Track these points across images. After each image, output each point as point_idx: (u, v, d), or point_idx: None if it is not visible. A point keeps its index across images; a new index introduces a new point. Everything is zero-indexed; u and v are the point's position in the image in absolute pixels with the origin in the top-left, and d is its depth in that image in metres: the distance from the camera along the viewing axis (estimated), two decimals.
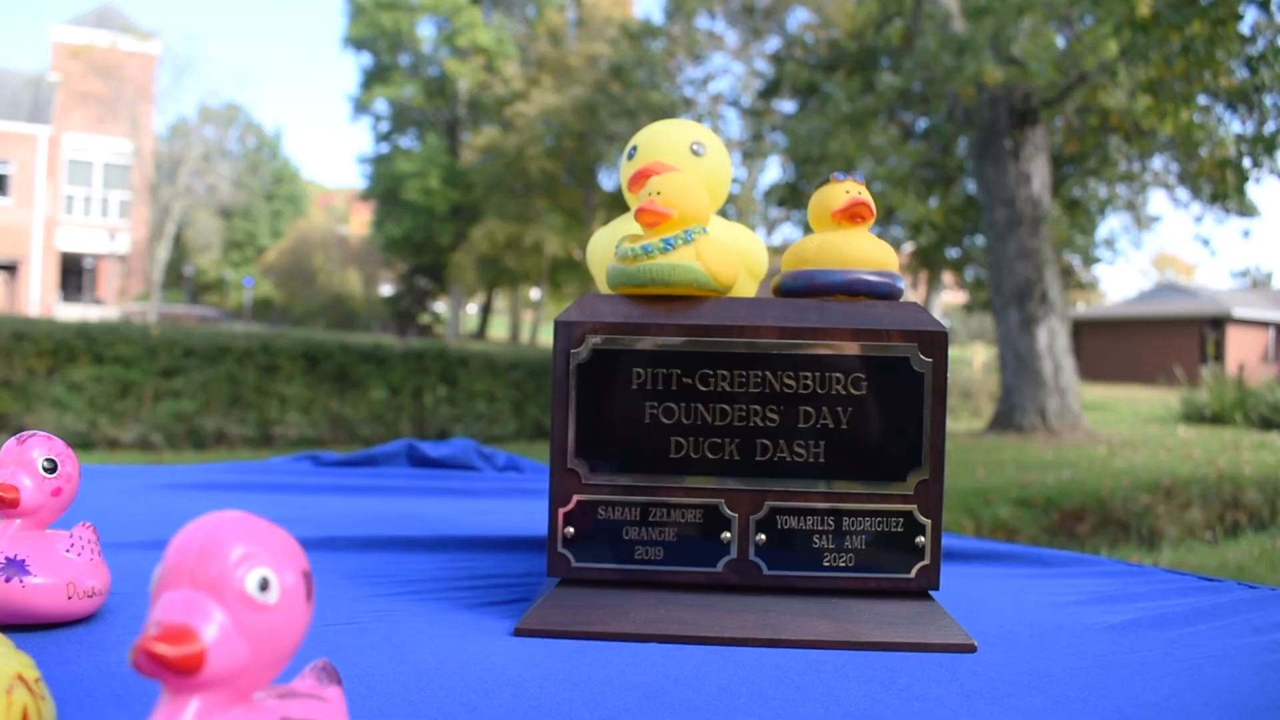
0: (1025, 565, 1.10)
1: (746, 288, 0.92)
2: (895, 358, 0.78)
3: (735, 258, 0.81)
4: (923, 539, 0.78)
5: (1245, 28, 8.06)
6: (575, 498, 0.79)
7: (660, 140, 0.92)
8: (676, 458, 0.79)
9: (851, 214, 0.82)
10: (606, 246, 0.93)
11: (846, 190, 0.84)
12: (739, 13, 19.81)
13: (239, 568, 0.38)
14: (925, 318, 0.79)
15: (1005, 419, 10.22)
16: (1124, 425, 12.05)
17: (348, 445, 9.96)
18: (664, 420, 0.79)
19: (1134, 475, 7.40)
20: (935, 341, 0.78)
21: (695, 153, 0.91)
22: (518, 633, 0.77)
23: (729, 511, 0.78)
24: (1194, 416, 13.11)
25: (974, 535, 6.11)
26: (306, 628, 0.41)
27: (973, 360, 21.53)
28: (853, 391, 0.78)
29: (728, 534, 0.78)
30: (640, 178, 0.88)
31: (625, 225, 0.93)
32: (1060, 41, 9.32)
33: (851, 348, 0.78)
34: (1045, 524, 6.49)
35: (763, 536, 0.78)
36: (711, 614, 0.77)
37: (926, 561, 0.78)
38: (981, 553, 1.12)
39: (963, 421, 13.49)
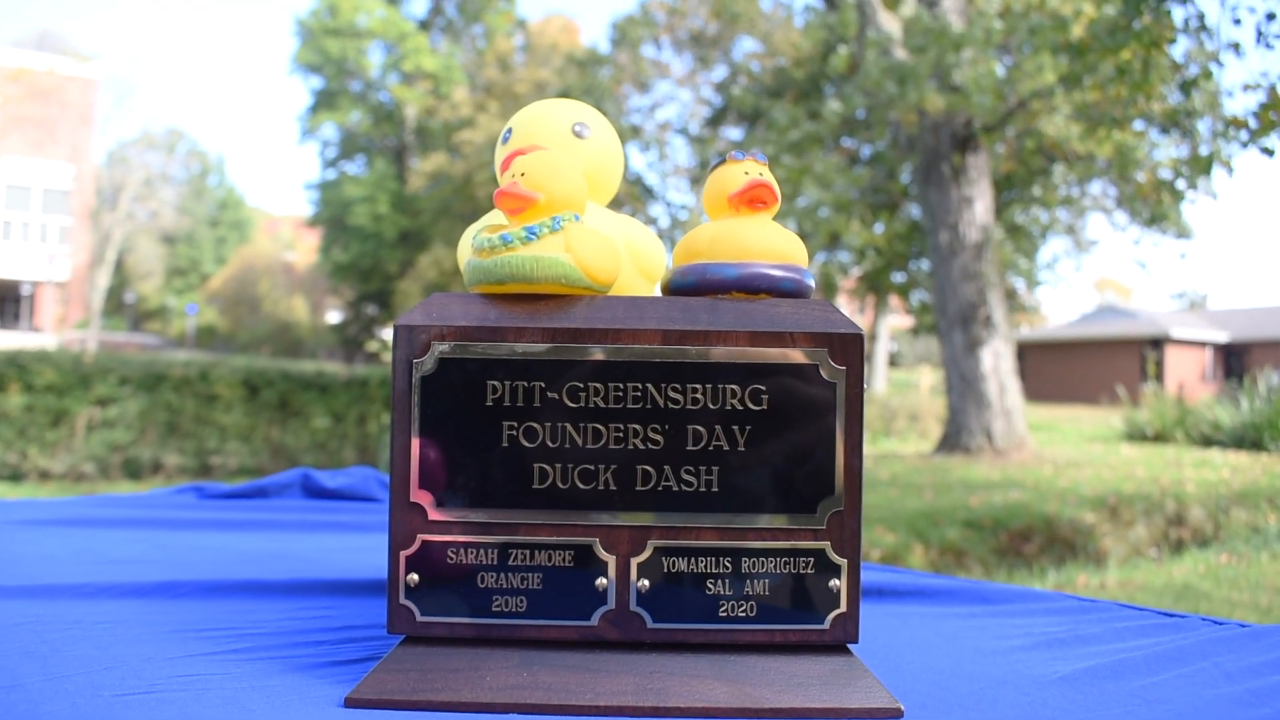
0: (963, 602, 0.98)
1: (638, 289, 0.79)
2: (801, 365, 0.65)
3: (614, 250, 0.68)
4: (837, 582, 0.66)
5: (1179, 55, 8.21)
6: (419, 538, 0.65)
7: (538, 121, 0.80)
8: (541, 488, 0.65)
9: (751, 198, 0.70)
10: None
11: (745, 171, 0.71)
12: (686, 41, 19.91)
13: None
14: (837, 318, 0.67)
15: (952, 440, 10.22)
16: (1068, 445, 12.16)
17: None
18: (525, 443, 0.65)
19: (1079, 494, 7.43)
20: (849, 346, 0.65)
21: (578, 134, 0.79)
22: (348, 703, 0.63)
23: (605, 553, 0.65)
24: (1136, 435, 13.28)
25: (923, 558, 6.07)
26: None
27: (920, 383, 21.67)
28: (751, 406, 0.65)
29: (604, 580, 0.65)
30: (510, 162, 0.75)
31: (500, 218, 0.80)
32: (1000, 69, 9.40)
33: (749, 354, 0.65)
34: (993, 545, 6.47)
35: (646, 582, 0.65)
36: (585, 677, 0.64)
37: (843, 609, 0.66)
38: (913, 589, 1.00)
39: (910, 443, 13.51)
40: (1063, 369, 25.14)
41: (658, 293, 0.81)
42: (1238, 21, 5.73)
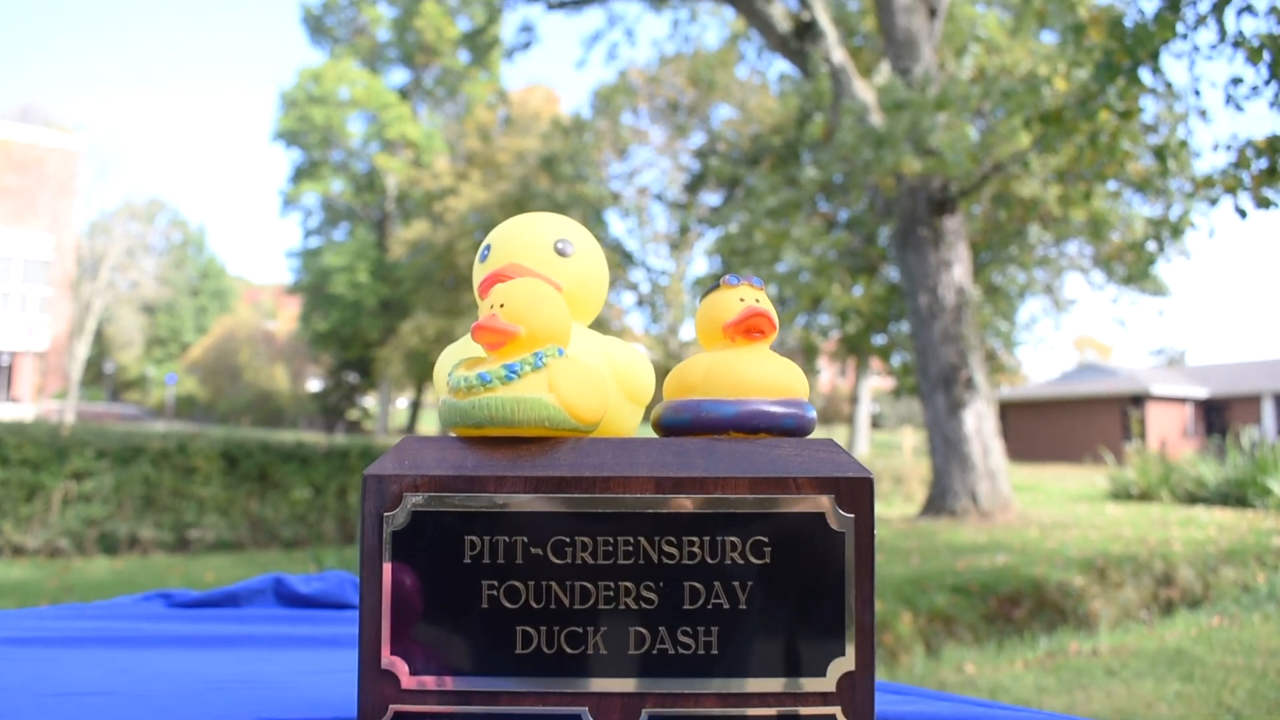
0: None
1: (626, 417, 0.74)
2: (806, 514, 0.60)
3: (601, 386, 0.63)
4: None
5: (1149, 117, 8.37)
6: (392, 708, 0.59)
7: (518, 238, 0.75)
8: (524, 653, 0.60)
9: (748, 328, 0.66)
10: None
11: (740, 298, 0.67)
12: (663, 109, 20.22)
13: None
14: (843, 459, 0.62)
15: (938, 503, 10.17)
16: (1053, 505, 12.12)
17: (267, 548, 9.64)
18: (507, 604, 0.60)
19: (1066, 557, 7.38)
20: (857, 490, 0.61)
21: (561, 252, 0.74)
22: None
23: None
24: (1121, 494, 13.27)
25: (911, 626, 5.97)
26: None
27: (903, 444, 21.67)
28: (753, 560, 0.60)
29: None
30: (489, 284, 0.70)
31: (478, 348, 0.75)
32: (974, 133, 9.55)
33: (750, 503, 0.60)
34: (982, 611, 6.39)
35: None
36: None
37: None
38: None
39: (895, 507, 13.43)
40: (1045, 428, 25.23)
41: (643, 417, 0.76)
42: (1198, 93, 5.87)
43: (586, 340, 0.74)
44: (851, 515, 0.60)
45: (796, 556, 0.60)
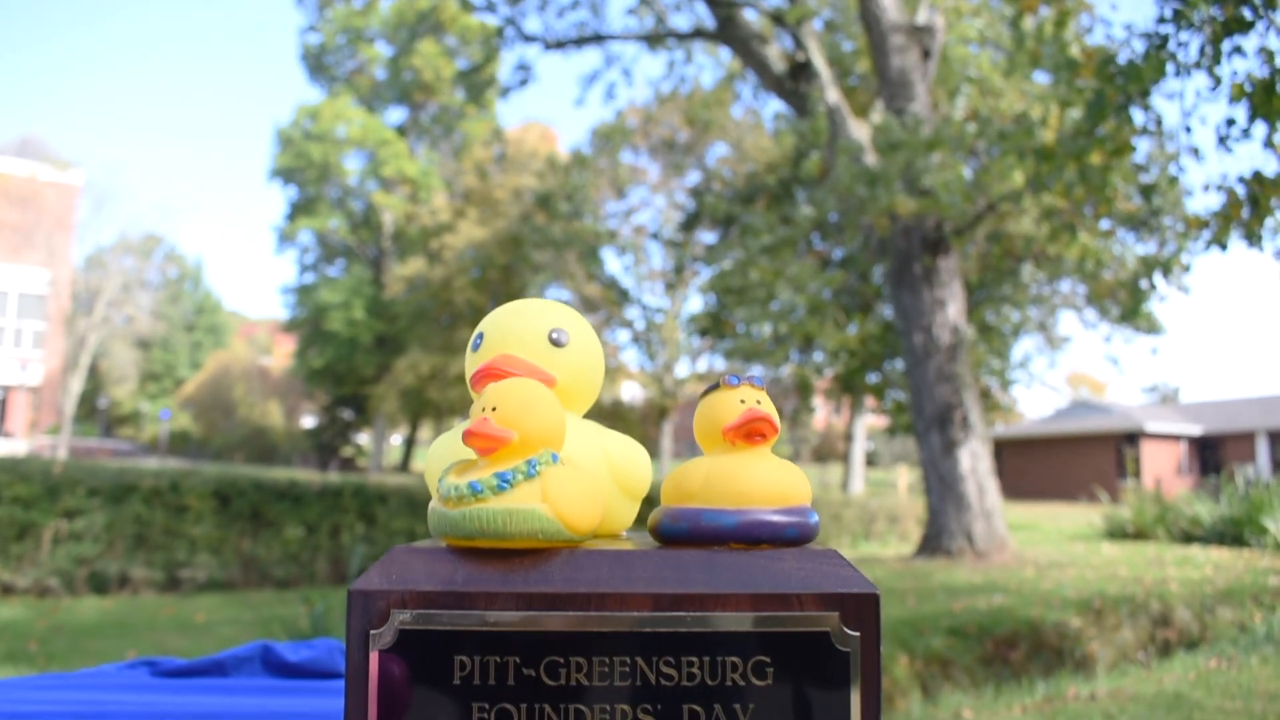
0: None
1: (622, 512, 0.72)
2: (810, 633, 0.58)
3: (597, 494, 0.61)
4: None
5: (1140, 156, 8.44)
6: None
7: (512, 328, 0.72)
8: None
9: (749, 431, 0.63)
10: (448, 462, 0.71)
11: (741, 399, 0.64)
12: (659, 147, 20.36)
13: None
14: (848, 574, 0.59)
15: (933, 543, 10.11)
16: (1049, 544, 12.06)
17: (259, 587, 9.55)
18: None
19: (1063, 597, 7.33)
20: (863, 607, 0.58)
21: (555, 342, 0.72)
22: None
23: None
24: (1117, 533, 13.21)
25: (908, 669, 5.92)
26: None
27: (897, 482, 21.59)
28: (755, 682, 0.57)
29: None
30: (481, 378, 0.68)
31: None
32: (968, 173, 9.60)
33: (751, 620, 0.58)
34: (979, 654, 6.33)
35: None
36: None
37: None
38: None
39: (891, 546, 13.36)
40: (1040, 465, 25.21)
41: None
42: (1189, 130, 5.91)
43: (582, 434, 0.71)
44: (857, 634, 0.58)
45: (800, 677, 0.57)
